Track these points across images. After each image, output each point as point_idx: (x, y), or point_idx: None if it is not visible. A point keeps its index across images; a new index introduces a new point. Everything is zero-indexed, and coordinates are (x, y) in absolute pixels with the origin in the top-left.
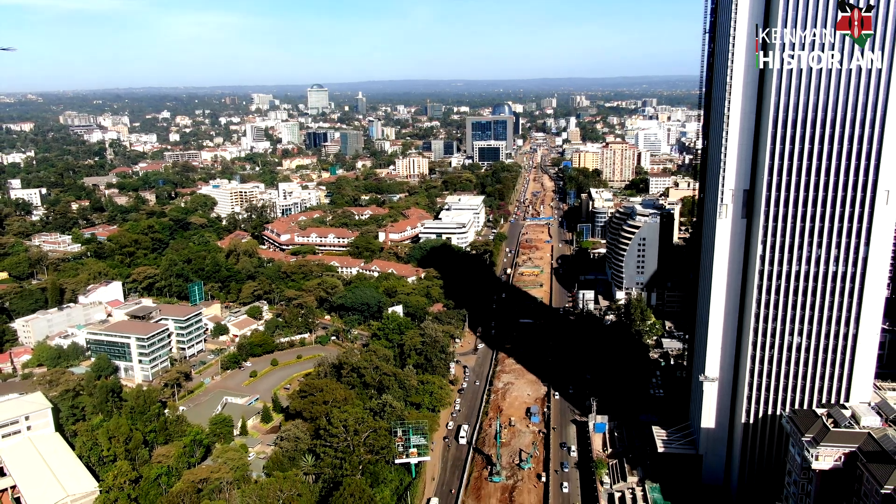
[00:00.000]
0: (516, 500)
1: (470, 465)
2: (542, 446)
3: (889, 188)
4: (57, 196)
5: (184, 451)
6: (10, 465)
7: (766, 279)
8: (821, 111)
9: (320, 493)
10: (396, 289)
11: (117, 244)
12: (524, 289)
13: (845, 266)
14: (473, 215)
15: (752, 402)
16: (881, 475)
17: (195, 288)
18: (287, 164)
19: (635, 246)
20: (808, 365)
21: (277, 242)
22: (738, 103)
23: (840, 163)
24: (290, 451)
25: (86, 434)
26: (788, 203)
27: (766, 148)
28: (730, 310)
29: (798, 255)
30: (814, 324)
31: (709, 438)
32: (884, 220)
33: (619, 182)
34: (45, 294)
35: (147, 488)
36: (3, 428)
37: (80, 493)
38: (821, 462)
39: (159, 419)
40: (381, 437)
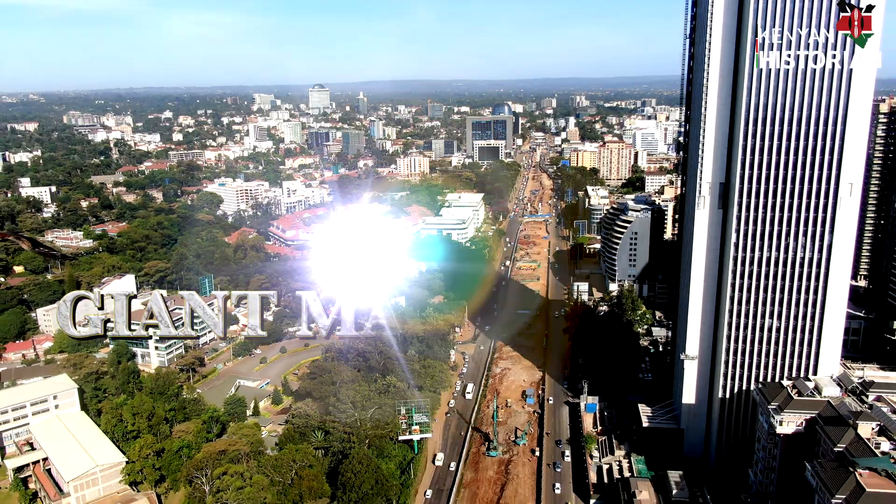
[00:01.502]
0: (511, 472)
1: (469, 441)
2: (536, 425)
3: (852, 181)
4: (66, 194)
5: (202, 427)
6: (41, 440)
7: (740, 265)
8: (788, 110)
9: (330, 465)
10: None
11: (129, 240)
12: (522, 282)
13: (812, 252)
14: (473, 212)
15: (728, 378)
16: (835, 436)
17: (205, 281)
18: (290, 164)
19: (627, 240)
20: (778, 343)
21: (283, 238)
22: (714, 103)
23: (807, 157)
24: (300, 427)
25: (111, 412)
26: (760, 195)
27: (740, 144)
28: (708, 293)
29: (769, 242)
30: (784, 305)
31: (689, 413)
32: (847, 209)
33: (616, 180)
34: (62, 286)
35: (170, 459)
36: (34, 406)
37: (108, 464)
38: (784, 427)
39: (178, 399)
40: (387, 413)
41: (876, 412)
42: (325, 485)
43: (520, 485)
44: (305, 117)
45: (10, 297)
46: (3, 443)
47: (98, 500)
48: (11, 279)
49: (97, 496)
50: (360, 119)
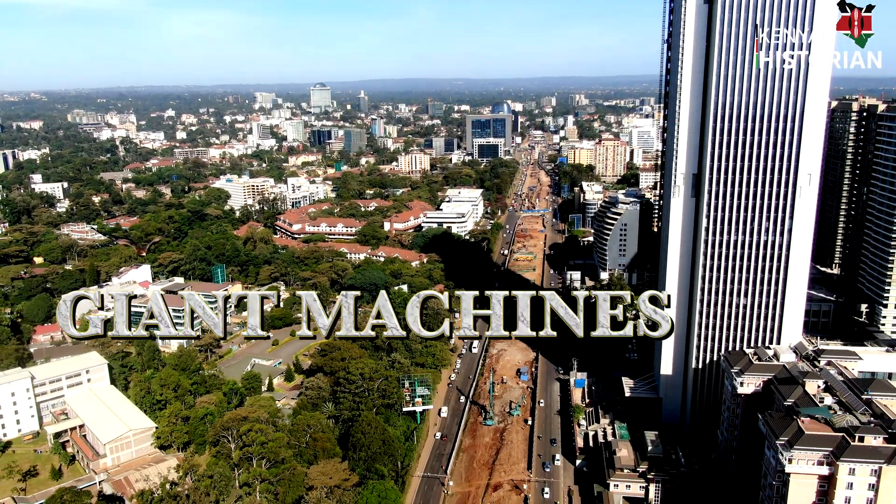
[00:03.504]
0: (506, 439)
1: (467, 413)
2: (529, 399)
3: (811, 172)
4: (78, 190)
5: (223, 398)
6: (77, 409)
7: (711, 247)
8: (752, 108)
9: (340, 432)
10: (402, 271)
11: (143, 232)
12: (518, 272)
13: (775, 236)
14: (472, 206)
15: (701, 350)
16: (786, 392)
17: (218, 270)
18: (293, 161)
19: (618, 231)
20: (746, 317)
21: (289, 232)
22: (687, 102)
23: (769, 150)
24: (313, 398)
25: (139, 384)
26: (728, 184)
27: (710, 139)
28: (683, 272)
29: (736, 227)
30: (750, 283)
31: (667, 383)
32: (806, 197)
33: (611, 177)
34: (83, 275)
35: (195, 425)
36: (69, 380)
37: (140, 429)
38: (745, 388)
39: (199, 374)
40: (392, 384)
41: (823, 373)
42: (337, 447)
43: (513, 449)
44: (307, 115)
45: (35, 285)
46: (41, 412)
47: (131, 461)
48: (34, 269)
49: (130, 458)
50: (362, 117)
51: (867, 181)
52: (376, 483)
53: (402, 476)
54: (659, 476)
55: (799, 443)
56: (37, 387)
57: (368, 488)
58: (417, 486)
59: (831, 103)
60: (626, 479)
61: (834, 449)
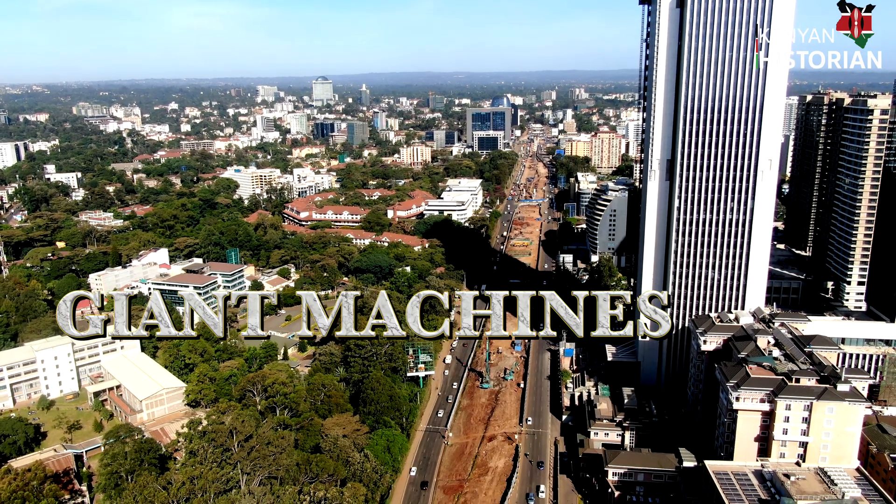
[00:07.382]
0: (500, 399)
1: (465, 378)
2: (522, 366)
3: (771, 157)
4: (92, 179)
5: (244, 363)
6: (113, 371)
7: (683, 225)
8: (718, 100)
9: (351, 393)
10: (405, 255)
11: (159, 218)
12: (515, 257)
13: (739, 214)
14: (472, 196)
15: (675, 317)
16: (741, 347)
17: (232, 253)
18: (297, 153)
19: (607, 216)
20: (713, 287)
21: (297, 219)
22: (661, 95)
23: (734, 138)
24: (326, 363)
25: (168, 350)
26: (698, 168)
27: (681, 128)
28: (659, 247)
29: (705, 206)
30: (717, 257)
31: (644, 348)
32: (767, 180)
33: (606, 168)
34: (106, 257)
35: (221, 384)
36: (104, 346)
37: (172, 387)
38: (707, 346)
39: (221, 343)
40: (398, 349)
41: (774, 331)
42: (349, 405)
43: (506, 408)
44: (309, 108)
45: (62, 266)
46: (80, 375)
47: (165, 416)
48: (60, 252)
49: (164, 413)
50: (364, 110)
51: (835, 169)
52: (385, 430)
53: (407, 429)
54: (633, 424)
55: (745, 384)
56: (76, 352)
57: (378, 434)
58: (420, 438)
59: (807, 97)
60: (605, 427)
61: (774, 389)
